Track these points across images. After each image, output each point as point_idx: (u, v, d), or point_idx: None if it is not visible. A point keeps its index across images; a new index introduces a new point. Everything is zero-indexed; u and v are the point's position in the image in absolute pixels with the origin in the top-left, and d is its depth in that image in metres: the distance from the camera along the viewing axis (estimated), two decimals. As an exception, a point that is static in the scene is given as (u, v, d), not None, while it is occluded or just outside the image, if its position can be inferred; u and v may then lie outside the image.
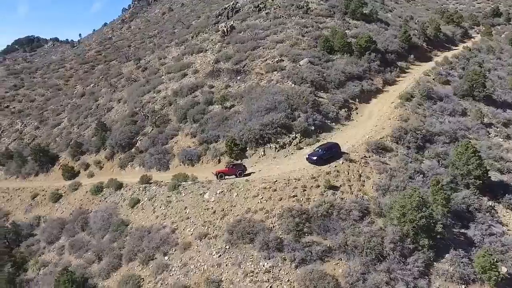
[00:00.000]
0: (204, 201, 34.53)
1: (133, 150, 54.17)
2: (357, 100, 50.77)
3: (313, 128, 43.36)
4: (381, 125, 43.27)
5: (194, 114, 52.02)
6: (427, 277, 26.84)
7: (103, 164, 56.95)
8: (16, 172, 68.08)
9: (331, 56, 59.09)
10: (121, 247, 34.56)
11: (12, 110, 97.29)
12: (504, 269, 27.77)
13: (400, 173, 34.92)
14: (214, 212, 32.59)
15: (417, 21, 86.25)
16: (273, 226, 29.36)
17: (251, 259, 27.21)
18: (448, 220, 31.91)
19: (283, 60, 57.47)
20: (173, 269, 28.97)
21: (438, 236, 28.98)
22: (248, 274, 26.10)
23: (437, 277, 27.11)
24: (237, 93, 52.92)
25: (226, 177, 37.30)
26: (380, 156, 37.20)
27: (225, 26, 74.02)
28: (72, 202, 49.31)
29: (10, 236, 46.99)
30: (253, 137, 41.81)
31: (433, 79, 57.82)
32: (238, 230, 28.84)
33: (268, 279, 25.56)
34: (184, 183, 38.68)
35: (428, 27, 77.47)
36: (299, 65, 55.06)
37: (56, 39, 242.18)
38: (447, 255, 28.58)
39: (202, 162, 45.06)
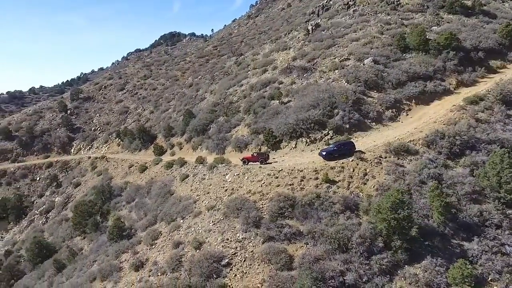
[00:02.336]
0: (224, 181, 41.21)
1: (204, 135, 64.21)
2: (413, 101, 49.75)
3: (347, 126, 45.41)
4: (421, 128, 42.51)
5: (256, 107, 58.64)
6: (389, 276, 27.96)
7: (183, 146, 68.83)
8: (127, 147, 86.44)
9: (404, 54, 58.16)
10: (160, 209, 43.96)
11: (139, 96, 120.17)
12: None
13: (410, 177, 35.20)
14: (226, 190, 38.96)
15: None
16: (262, 207, 34.13)
17: (232, 230, 32.75)
18: (447, 229, 31.65)
19: (350, 59, 59.25)
20: (181, 230, 36.52)
21: (416, 240, 29.57)
22: (224, 240, 31.73)
23: (402, 279, 27.98)
24: (297, 89, 57.43)
25: (250, 163, 43.15)
26: (398, 158, 37.63)
27: (311, 24, 78.27)
28: (151, 173, 61.87)
29: (106, 194, 62.18)
30: (288, 130, 46.36)
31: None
32: (232, 206, 34.60)
33: (236, 247, 30.75)
34: (219, 165, 46.05)
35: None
36: (363, 64, 56.24)
37: (193, 34, 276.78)
38: (423, 261, 29.00)
39: (248, 149, 51.58)
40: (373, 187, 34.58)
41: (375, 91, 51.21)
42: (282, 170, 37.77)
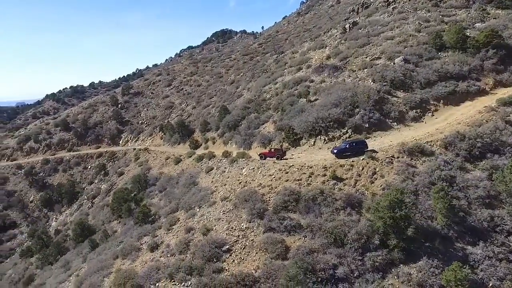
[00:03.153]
0: (240, 174, 43.58)
1: (235, 131, 67.04)
2: (441, 101, 48.70)
3: (367, 125, 45.74)
4: (442, 129, 41.83)
5: (285, 105, 60.38)
6: (381, 273, 28.70)
7: (216, 140, 72.29)
8: (168, 140, 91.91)
9: (440, 53, 56.63)
10: (182, 198, 47.32)
11: (184, 92, 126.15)
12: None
13: (419, 178, 35.20)
14: (240, 182, 41.30)
15: None
16: (269, 200, 36.04)
17: (238, 219, 35.00)
18: (451, 232, 31.54)
19: (381, 58, 58.90)
20: (195, 217, 39.45)
21: (416, 240, 29.87)
22: (229, 228, 34.09)
23: (395, 277, 28.57)
24: (325, 88, 58.26)
25: (268, 158, 45.08)
26: (411, 159, 37.62)
27: (348, 23, 78.10)
28: (183, 165, 65.91)
29: (142, 183, 67.24)
30: (307, 128, 47.65)
31: None
32: (242, 197, 36.88)
33: (239, 235, 32.97)
34: (239, 159, 48.49)
35: None
36: (393, 63, 55.74)
37: (244, 32, 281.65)
38: (420, 262, 29.32)
39: (271, 145, 53.51)
40: (380, 186, 35.10)
41: (401, 90, 50.76)
42: (292, 165, 39.37)
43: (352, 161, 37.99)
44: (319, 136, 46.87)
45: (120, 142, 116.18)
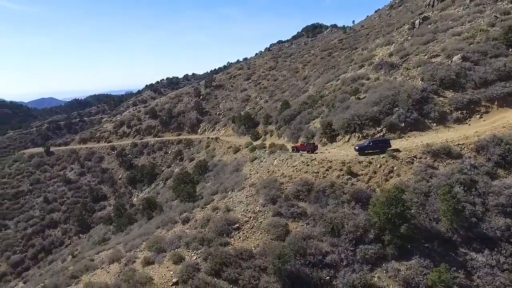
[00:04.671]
0: (272, 164, 47.26)
1: (289, 124, 70.50)
2: (496, 103, 46.08)
3: (402, 125, 45.70)
4: (482, 132, 40.22)
5: (335, 102, 62.13)
6: (370, 266, 30.28)
7: (273, 133, 76.65)
8: (236, 131, 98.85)
9: (510, 50, 52.82)
10: (223, 183, 52.70)
11: (261, 86, 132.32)
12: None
13: (437, 179, 35.12)
14: (268, 171, 45.03)
15: None
16: (285, 188, 39.30)
17: (254, 203, 38.89)
18: (456, 236, 31.52)
19: (439, 55, 56.94)
20: (225, 199, 44.25)
21: (414, 239, 30.64)
22: (245, 210, 38.17)
23: (383, 271, 29.94)
24: (375, 86, 58.49)
25: (301, 151, 47.98)
26: (434, 160, 37.40)
27: (419, 17, 75.49)
28: (239, 155, 71.61)
29: (202, 168, 74.70)
30: (343, 124, 49.26)
31: None
32: (263, 184, 40.75)
33: (251, 217, 36.87)
34: (278, 151, 52.10)
35: None
36: (450, 61, 53.72)
37: (335, 26, 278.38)
38: (412, 260, 30.17)
39: (314, 140, 56.02)
40: (394, 185, 35.92)
41: (451, 90, 49.13)
42: (315, 159, 41.89)
43: (372, 158, 39.20)
44: (354, 133, 48.22)
45: (199, 131, 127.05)
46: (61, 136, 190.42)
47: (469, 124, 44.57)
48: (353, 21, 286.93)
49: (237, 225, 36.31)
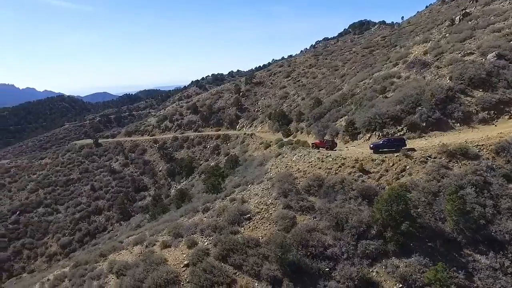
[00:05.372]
0: (291, 160, 48.76)
1: (316, 122, 71.38)
2: (527, 104, 44.46)
3: (424, 124, 45.33)
4: (506, 133, 39.20)
5: (363, 100, 62.28)
6: (370, 261, 31.14)
7: (303, 130, 77.83)
8: (271, 127, 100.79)
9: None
10: (247, 176, 54.93)
11: (299, 84, 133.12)
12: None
13: (448, 179, 34.98)
14: (286, 166, 46.60)
15: None
16: (299, 183, 40.78)
17: (268, 195, 40.67)
18: (461, 237, 31.50)
19: (474, 53, 55.36)
20: (243, 191, 46.53)
21: (416, 237, 31.04)
22: (259, 202, 40.09)
23: (382, 266, 30.68)
24: (402, 84, 57.96)
25: (320, 148, 49.05)
26: (449, 161, 37.12)
27: (460, 13, 73.11)
28: (269, 150, 73.57)
29: (233, 162, 77.50)
30: (365, 123, 49.65)
31: None
32: (277, 178, 42.52)
33: (263, 208, 38.66)
34: (300, 147, 53.44)
35: None
36: (484, 59, 52.16)
37: (383, 22, 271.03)
38: (412, 258, 30.64)
39: (338, 137, 56.74)
40: (403, 183, 36.28)
41: (480, 89, 47.90)
42: (329, 155, 42.95)
43: (385, 156, 39.62)
44: (375, 132, 48.50)
45: (237, 126, 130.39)
46: (111, 129, 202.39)
47: (495, 125, 43.44)
48: (402, 17, 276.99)
49: (249, 215, 38.42)
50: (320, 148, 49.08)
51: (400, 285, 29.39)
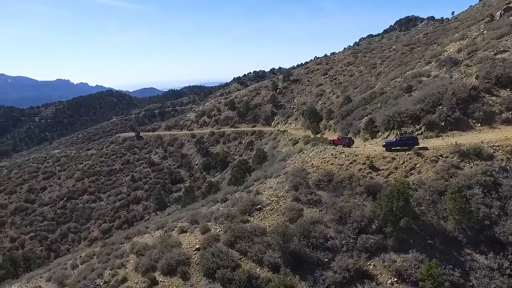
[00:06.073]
0: (308, 156, 50.24)
1: (343, 120, 71.99)
2: (556, 105, 42.99)
3: (442, 123, 45.08)
4: (526, 136, 38.53)
5: (389, 99, 62.29)
6: (369, 254, 32.28)
7: (331, 127, 78.64)
8: (303, 125, 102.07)
9: None
10: (268, 171, 57.05)
11: (336, 82, 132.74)
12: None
13: (457, 179, 35.11)
14: (302, 162, 48.21)
15: None
16: (310, 177, 42.35)
17: (281, 188, 42.54)
18: (462, 236, 31.83)
19: (507, 51, 53.81)
20: (261, 184, 48.69)
21: (416, 234, 31.79)
22: (271, 194, 42.19)
23: (380, 260, 31.75)
24: (429, 83, 57.37)
25: (338, 145, 50.12)
26: (461, 160, 37.14)
27: (501, 9, 70.51)
28: (296, 147, 75.22)
29: (261, 157, 79.88)
30: (383, 121, 50.05)
31: None
32: (292, 172, 44.34)
33: (274, 200, 40.63)
34: (320, 144, 54.72)
35: None
36: (516, 57, 50.72)
37: (432, 18, 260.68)
38: (410, 254, 31.46)
39: (359, 135, 57.39)
40: (412, 181, 36.88)
41: (507, 89, 46.81)
42: (343, 152, 44.09)
43: (396, 154, 40.23)
44: (393, 130, 48.84)
45: (272, 123, 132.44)
46: (154, 123, 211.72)
47: (518, 126, 42.51)
48: (452, 12, 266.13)
49: (260, 206, 40.68)
50: (338, 145, 50.16)
51: (395, 279, 30.42)
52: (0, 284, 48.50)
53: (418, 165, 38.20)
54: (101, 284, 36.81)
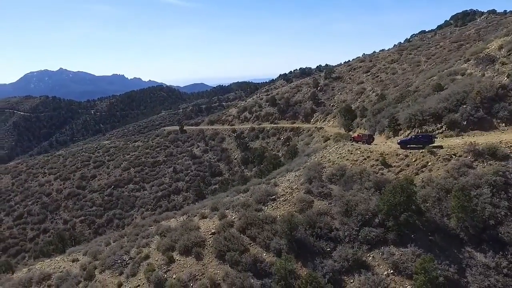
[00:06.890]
0: (328, 151, 51.77)
1: (373, 118, 72.11)
2: None
3: (465, 123, 44.74)
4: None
5: (419, 97, 61.88)
6: (369, 246, 33.71)
7: (362, 125, 78.94)
8: (339, 122, 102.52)
9: None
10: (293, 165, 59.13)
11: (378, 79, 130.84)
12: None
13: (467, 178, 35.33)
14: (321, 157, 49.87)
15: None
16: (325, 172, 44.05)
17: (296, 181, 44.63)
18: (464, 234, 32.29)
19: (544, 50, 51.79)
20: (283, 176, 50.93)
21: (418, 229, 32.75)
22: (286, 186, 44.40)
23: (379, 253, 33.08)
24: (459, 81, 56.43)
25: (359, 142, 51.13)
26: (475, 160, 37.15)
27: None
28: (326, 143, 76.40)
29: (292, 152, 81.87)
30: (405, 119, 50.33)
31: None
32: (309, 167, 46.27)
33: (288, 192, 42.87)
34: (343, 141, 55.93)
35: None
36: (551, 56, 48.87)
37: (493, 11, 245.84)
38: (408, 248, 32.51)
39: (384, 132, 57.82)
40: (421, 179, 37.59)
41: (537, 89, 45.45)
42: (359, 148, 45.29)
43: (410, 152, 40.89)
44: (414, 129, 49.08)
45: (311, 120, 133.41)
46: (199, 117, 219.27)
47: (544, 127, 41.47)
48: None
49: (274, 197, 43.15)
50: (358, 142, 51.21)
51: (391, 271, 31.73)
52: (50, 256, 54.97)
53: (430, 163, 38.71)
54: (127, 259, 41.18)
